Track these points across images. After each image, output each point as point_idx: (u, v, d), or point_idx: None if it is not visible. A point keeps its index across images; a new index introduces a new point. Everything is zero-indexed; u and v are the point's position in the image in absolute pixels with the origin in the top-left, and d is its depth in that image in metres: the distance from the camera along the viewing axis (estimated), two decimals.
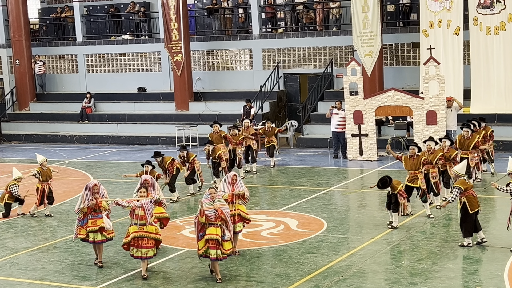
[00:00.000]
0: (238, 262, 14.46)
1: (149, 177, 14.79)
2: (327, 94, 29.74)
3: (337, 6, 30.72)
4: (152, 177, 15.29)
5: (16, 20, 34.66)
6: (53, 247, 16.39)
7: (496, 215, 17.47)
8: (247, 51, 32.27)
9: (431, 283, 12.93)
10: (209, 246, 12.85)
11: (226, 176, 14.92)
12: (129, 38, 34.69)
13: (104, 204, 14.33)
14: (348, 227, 17.24)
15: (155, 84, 33.88)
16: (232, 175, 14.63)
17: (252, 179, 22.77)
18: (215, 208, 12.82)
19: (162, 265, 14.55)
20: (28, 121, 34.85)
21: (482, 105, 26.12)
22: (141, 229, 13.29)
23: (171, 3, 31.12)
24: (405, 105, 24.36)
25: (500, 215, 17.13)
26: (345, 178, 22.82)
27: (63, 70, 36.21)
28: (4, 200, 19.25)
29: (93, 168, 26.16)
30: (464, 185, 14.48)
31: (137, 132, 31.81)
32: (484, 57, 26.55)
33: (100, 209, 14.26)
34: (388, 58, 29.37)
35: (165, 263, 14.67)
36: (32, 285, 13.87)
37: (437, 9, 27.04)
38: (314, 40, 30.75)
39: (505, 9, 26.07)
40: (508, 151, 23.91)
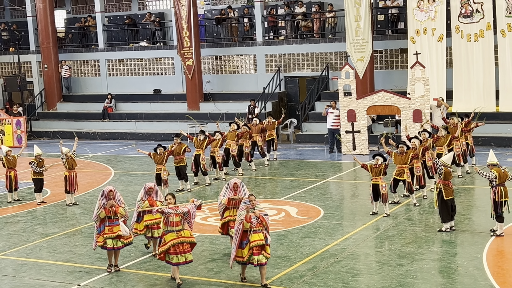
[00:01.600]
0: None
1: (152, 185, 13.89)
2: (323, 95, 29.71)
3: (333, 16, 30.68)
4: (155, 184, 14.23)
5: (44, 29, 34.69)
6: (78, 232, 16.44)
7: (476, 203, 17.47)
8: (251, 57, 32.25)
9: (417, 264, 12.95)
10: (253, 252, 11.88)
11: (228, 181, 13.93)
12: (145, 45, 34.69)
13: (121, 210, 13.24)
14: (343, 214, 17.25)
15: (169, 86, 33.88)
16: (233, 182, 13.72)
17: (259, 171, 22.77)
18: (256, 215, 11.99)
19: None
20: (55, 119, 34.91)
21: (463, 105, 26.06)
22: (179, 235, 12.15)
23: (183, 13, 31.10)
24: (394, 105, 24.34)
25: (480, 203, 17.16)
26: (339, 170, 22.82)
27: (87, 74, 36.23)
28: (31, 176, 19.39)
29: (113, 161, 26.19)
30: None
31: (153, 129, 31.84)
32: (465, 61, 26.51)
33: (116, 216, 13.20)
34: (378, 63, 29.32)
35: None
36: (59, 266, 13.91)
37: (422, 18, 27.00)
38: (312, 47, 30.72)
39: (483, 18, 26.03)
40: (487, 145, 23.87)
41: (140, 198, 13.78)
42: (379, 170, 16.32)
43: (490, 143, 24.38)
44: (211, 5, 34.83)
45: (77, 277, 13.22)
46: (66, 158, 18.89)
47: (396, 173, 17.20)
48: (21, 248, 15.34)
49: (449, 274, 12.48)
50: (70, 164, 18.93)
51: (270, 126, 23.93)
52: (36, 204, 19.34)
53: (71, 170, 18.94)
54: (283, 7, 32.14)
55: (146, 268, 13.52)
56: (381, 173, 16.33)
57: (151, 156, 19.33)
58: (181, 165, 20.00)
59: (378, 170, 16.33)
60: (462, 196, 18.07)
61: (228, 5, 33.70)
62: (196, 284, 12.45)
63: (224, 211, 13.74)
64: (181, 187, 20.28)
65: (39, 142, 31.15)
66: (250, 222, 11.85)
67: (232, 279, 12.63)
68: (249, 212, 11.94)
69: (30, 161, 19.44)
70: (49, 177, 22.28)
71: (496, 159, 14.44)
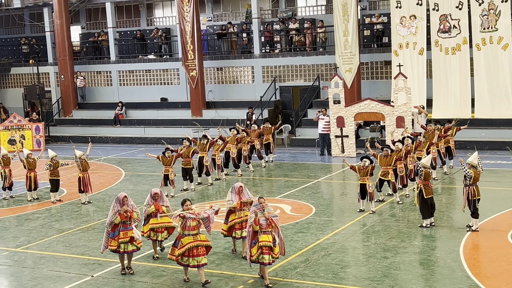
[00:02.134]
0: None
1: (158, 190, 13.45)
2: (315, 103, 29.72)
3: (323, 31, 30.71)
4: (161, 190, 13.72)
5: (61, 43, 34.66)
6: (92, 228, 16.42)
7: (453, 201, 17.48)
8: (249, 68, 32.25)
9: (400, 257, 12.95)
10: (263, 252, 11.52)
11: (233, 186, 13.50)
12: (153, 58, 34.68)
13: (135, 215, 12.71)
14: (332, 211, 17.25)
15: (174, 95, 33.87)
16: (238, 186, 13.36)
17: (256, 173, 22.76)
18: (265, 217, 11.60)
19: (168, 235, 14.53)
20: (71, 125, 34.86)
21: (441, 112, 26.09)
22: (195, 238, 11.74)
23: (187, 29, 31.11)
24: (379, 112, 24.36)
25: (457, 202, 17.16)
26: (329, 172, 22.83)
27: (100, 84, 36.21)
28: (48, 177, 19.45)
29: (124, 163, 26.17)
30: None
31: (160, 134, 31.78)
32: (443, 72, 26.53)
33: (129, 221, 12.68)
34: (364, 74, 29.34)
35: None
36: (74, 259, 13.90)
37: (405, 33, 27.03)
38: (304, 59, 30.74)
39: (460, 33, 26.07)
40: (463, 149, 23.89)
41: (146, 203, 13.44)
42: (366, 171, 16.34)
43: (466, 146, 24.38)
44: (213, 21, 34.85)
45: (90, 269, 13.21)
46: (80, 160, 18.87)
47: (381, 174, 17.22)
48: (40, 242, 15.32)
49: (429, 266, 12.49)
50: (84, 166, 18.90)
51: (267, 131, 23.97)
52: (52, 203, 19.32)
53: (84, 171, 18.92)
54: (278, 23, 32.17)
55: (153, 261, 13.50)
56: (368, 174, 16.34)
57: (159, 159, 19.30)
58: (188, 167, 20.00)
59: (365, 171, 16.34)
60: (441, 195, 18.09)
61: (228, 21, 33.73)
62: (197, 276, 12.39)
63: (229, 214, 13.39)
64: (185, 187, 20.27)
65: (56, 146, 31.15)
66: (259, 224, 11.54)
67: (232, 271, 12.63)
68: (257, 215, 11.61)
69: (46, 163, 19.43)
70: (65, 177, 22.27)
71: (476, 162, 14.43)
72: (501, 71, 25.52)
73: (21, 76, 38.01)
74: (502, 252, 13.00)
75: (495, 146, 24.64)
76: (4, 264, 13.89)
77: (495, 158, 22.83)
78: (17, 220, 17.64)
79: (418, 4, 26.64)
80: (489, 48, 25.56)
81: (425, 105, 25.70)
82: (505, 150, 23.65)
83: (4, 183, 20.27)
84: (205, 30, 33.96)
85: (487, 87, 25.72)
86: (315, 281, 11.88)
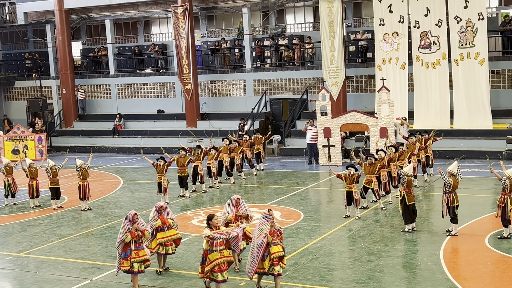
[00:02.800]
0: None
1: (163, 204, 12.77)
2: (303, 114, 29.75)
3: (311, 47, 30.80)
4: (166, 203, 13.32)
5: (63, 58, 34.61)
6: (91, 234, 16.34)
7: (434, 207, 17.51)
8: (241, 82, 32.28)
9: (384, 260, 12.94)
10: (273, 263, 11.03)
11: (230, 198, 12.89)
12: (150, 72, 34.65)
13: (147, 234, 11.89)
14: (320, 217, 17.23)
15: (170, 107, 33.84)
16: (235, 198, 12.76)
17: (248, 180, 22.75)
18: (275, 228, 11.11)
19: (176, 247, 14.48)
20: (72, 136, 34.74)
21: (422, 123, 26.18)
22: (222, 254, 11.00)
23: (183, 44, 31.13)
24: (364, 123, 24.41)
25: (437, 208, 17.17)
26: (317, 179, 22.83)
27: (99, 96, 36.14)
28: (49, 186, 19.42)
29: (122, 172, 26.09)
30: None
31: (156, 144, 31.67)
32: (424, 86, 26.63)
33: (140, 240, 11.76)
34: (350, 87, 29.42)
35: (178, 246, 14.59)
36: (75, 263, 13.82)
37: (388, 49, 27.14)
38: (293, 73, 30.80)
39: (440, 49, 26.20)
40: (443, 158, 23.99)
41: (152, 217, 12.63)
42: (352, 179, 16.34)
43: (445, 155, 24.47)
44: (207, 37, 34.88)
45: (90, 273, 13.13)
46: (80, 169, 18.80)
47: (365, 182, 17.23)
48: (41, 247, 15.23)
49: (411, 269, 12.49)
50: (84, 175, 18.83)
51: (258, 141, 23.98)
52: (53, 209, 19.23)
53: (84, 180, 18.84)
54: (268, 39, 32.23)
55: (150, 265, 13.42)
56: (353, 182, 16.35)
57: (154, 165, 19.27)
58: (183, 175, 19.97)
59: (351, 179, 16.34)
60: (422, 202, 18.12)
61: (221, 38, 33.79)
62: (193, 278, 12.38)
63: (226, 227, 12.40)
64: (182, 193, 20.22)
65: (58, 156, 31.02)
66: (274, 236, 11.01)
67: None
68: (273, 227, 11.09)
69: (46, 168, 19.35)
70: (66, 185, 22.18)
71: (456, 171, 14.46)
72: (478, 85, 25.63)
73: (24, 89, 37.89)
74: (479, 255, 13.01)
75: (473, 155, 24.71)
76: (7, 268, 13.79)
77: (472, 167, 22.89)
78: (20, 226, 17.53)
79: (400, 21, 26.77)
80: (467, 63, 25.69)
81: (407, 117, 25.76)
82: (482, 159, 23.76)
83: (8, 191, 20.14)
84: (199, 45, 33.99)
85: (465, 100, 25.83)
86: (304, 284, 11.85)
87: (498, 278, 11.76)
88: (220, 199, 19.87)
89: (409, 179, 14.78)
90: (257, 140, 23.92)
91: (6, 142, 31.16)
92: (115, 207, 19.31)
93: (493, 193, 18.42)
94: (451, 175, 14.37)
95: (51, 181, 19.17)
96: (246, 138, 23.84)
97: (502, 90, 26.63)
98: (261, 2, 31.90)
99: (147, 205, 19.09)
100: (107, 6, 34.56)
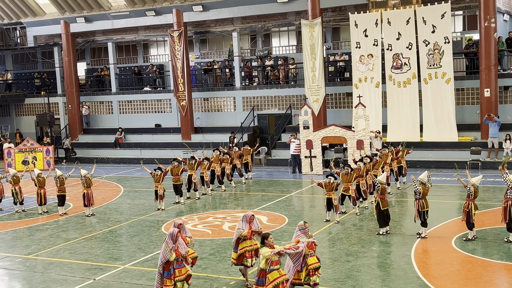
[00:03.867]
0: (225, 246, 14.37)
1: (181, 221, 11.11)
2: (287, 128, 29.80)
3: (294, 67, 30.90)
4: (183, 221, 11.48)
5: (69, 77, 34.52)
6: (94, 237, 16.23)
7: (406, 212, 17.55)
8: (232, 98, 32.31)
9: (361, 261, 12.94)
10: (309, 274, 10.45)
11: (244, 215, 11.63)
12: (148, 90, 34.62)
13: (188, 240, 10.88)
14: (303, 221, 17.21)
15: (167, 121, 33.79)
16: (250, 215, 11.52)
17: (237, 188, 22.71)
18: (311, 240, 10.48)
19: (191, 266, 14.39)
20: (77, 148, 34.54)
21: (395, 136, 26.29)
22: (280, 273, 9.77)
23: (178, 65, 31.15)
24: (342, 136, 24.50)
25: (409, 213, 17.24)
26: (300, 187, 22.83)
27: (102, 112, 36.03)
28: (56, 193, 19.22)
29: (123, 181, 25.97)
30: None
31: (154, 155, 31.59)
32: (396, 102, 26.77)
33: (182, 258, 10.57)
34: (329, 103, 29.53)
35: None
36: (79, 265, 13.71)
37: (363, 69, 27.29)
38: (278, 91, 30.89)
39: (410, 70, 26.37)
40: (413, 167, 24.08)
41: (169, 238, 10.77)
42: (331, 187, 16.35)
43: (416, 165, 24.58)
44: (200, 58, 34.92)
45: (93, 273, 13.03)
46: (84, 179, 18.70)
47: (343, 189, 17.23)
48: (48, 250, 15.10)
49: (385, 268, 12.49)
50: (88, 184, 18.74)
51: (246, 152, 23.99)
52: (59, 215, 19.10)
53: (88, 188, 18.75)
54: (256, 60, 32.32)
55: (148, 265, 13.36)
56: (333, 189, 16.36)
57: (152, 175, 19.18)
58: (178, 184, 19.90)
59: (331, 187, 16.35)
60: (395, 207, 18.15)
61: (213, 59, 33.84)
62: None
63: (238, 243, 11.55)
64: (177, 200, 20.14)
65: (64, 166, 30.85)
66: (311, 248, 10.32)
67: (216, 274, 12.53)
68: (310, 239, 10.47)
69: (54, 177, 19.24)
70: (71, 193, 22.03)
71: (426, 179, 14.54)
72: (444, 102, 25.81)
73: (34, 105, 37.70)
74: (447, 255, 13.05)
75: (440, 165, 24.85)
76: (17, 269, 13.66)
77: (440, 175, 23.00)
78: (28, 231, 17.38)
79: (374, 44, 26.95)
80: (435, 82, 25.87)
81: (381, 130, 25.88)
82: (449, 168, 23.90)
83: (15, 199, 20.00)
84: (193, 66, 34.01)
85: (433, 115, 25.98)
86: None
87: (463, 276, 11.80)
88: (213, 205, 19.83)
89: (383, 187, 14.83)
90: (245, 151, 23.94)
91: (16, 153, 30.97)
92: (116, 213, 19.20)
93: (459, 199, 18.52)
94: (421, 183, 14.45)
95: (58, 189, 19.05)
96: (236, 150, 23.90)
97: (466, 106, 26.84)
98: (249, 27, 32.03)
99: (146, 211, 19.01)
100: (110, 30, 34.57)
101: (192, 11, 30.93)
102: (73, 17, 33.87)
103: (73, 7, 33.83)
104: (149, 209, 19.19)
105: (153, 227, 16.95)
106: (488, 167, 23.94)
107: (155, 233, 16.18)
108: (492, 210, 16.76)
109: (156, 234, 16.06)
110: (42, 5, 35.14)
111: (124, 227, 17.17)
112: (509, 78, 26.05)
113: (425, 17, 25.68)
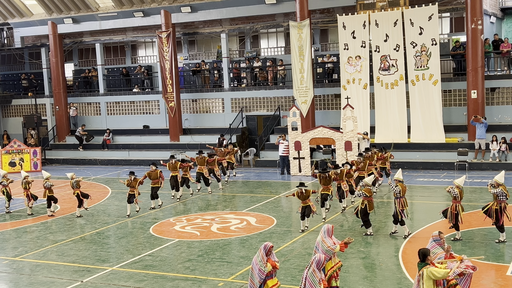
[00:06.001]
0: (213, 247, 14.37)
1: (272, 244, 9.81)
2: (276, 129, 29.84)
3: (282, 69, 30.95)
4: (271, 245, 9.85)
5: (56, 78, 34.34)
6: (82, 239, 16.15)
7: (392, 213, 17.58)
8: (220, 100, 32.29)
9: (349, 261, 12.98)
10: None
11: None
12: (137, 91, 34.50)
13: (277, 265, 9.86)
14: (291, 222, 17.23)
15: (155, 122, 33.71)
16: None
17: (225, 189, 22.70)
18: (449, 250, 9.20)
19: (160, 251, 14.40)
20: (64, 149, 34.38)
21: (382, 137, 26.41)
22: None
23: (167, 66, 31.09)
24: (330, 137, 24.56)
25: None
26: (289, 188, 22.85)
27: (90, 113, 35.86)
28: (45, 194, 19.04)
29: (111, 182, 25.86)
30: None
31: (142, 157, 31.58)
32: (384, 104, 26.89)
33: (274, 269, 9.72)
34: (318, 105, 29.60)
35: (162, 249, 14.53)
36: (67, 267, 13.64)
37: (351, 71, 27.39)
38: (267, 92, 30.91)
39: (398, 71, 26.51)
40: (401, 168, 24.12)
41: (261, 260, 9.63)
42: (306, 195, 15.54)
43: (403, 166, 24.58)
44: (189, 59, 34.89)
45: (80, 275, 12.97)
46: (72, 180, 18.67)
47: (321, 191, 16.95)
48: (36, 252, 15.01)
49: (373, 269, 12.55)
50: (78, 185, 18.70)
51: (231, 152, 24.29)
52: (47, 216, 19.00)
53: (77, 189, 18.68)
54: (244, 62, 32.34)
55: (135, 267, 13.32)
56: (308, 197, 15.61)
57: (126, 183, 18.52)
58: (155, 186, 19.44)
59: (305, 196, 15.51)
60: (381, 208, 18.23)
61: (201, 60, 33.80)
62: (176, 280, 12.31)
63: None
64: (153, 205, 19.75)
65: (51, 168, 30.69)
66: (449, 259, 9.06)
67: (204, 275, 12.52)
68: (448, 251, 9.21)
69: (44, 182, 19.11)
70: (59, 195, 21.89)
71: (402, 177, 14.65)
72: (432, 103, 25.97)
73: (21, 107, 37.44)
74: None
75: (428, 166, 25.00)
76: (4, 272, 13.56)
77: (427, 177, 23.14)
78: (16, 233, 17.26)
79: (362, 46, 27.06)
80: (422, 84, 26.02)
81: (368, 132, 25.99)
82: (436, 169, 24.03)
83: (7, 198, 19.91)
84: (181, 67, 33.96)
85: (420, 116, 26.13)
86: None
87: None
88: (201, 207, 19.80)
89: (368, 189, 14.84)
90: (230, 151, 24.31)
91: (3, 155, 30.75)
92: (104, 215, 19.13)
93: (446, 200, 18.61)
94: (398, 181, 14.54)
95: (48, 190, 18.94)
96: (221, 149, 24.23)
97: (453, 107, 27.02)
98: (238, 28, 32.04)
99: (133, 213, 18.94)
100: (97, 31, 34.43)
101: (181, 12, 30.89)
102: (61, 18, 33.71)
103: (61, 8, 33.66)
104: (136, 211, 19.10)
105: (141, 229, 16.91)
106: (475, 168, 24.11)
107: (143, 235, 16.14)
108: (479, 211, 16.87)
109: (144, 236, 16.02)
110: (29, 5, 34.93)
111: (112, 229, 17.11)
112: (495, 80, 26.26)
113: (412, 19, 25.83)
